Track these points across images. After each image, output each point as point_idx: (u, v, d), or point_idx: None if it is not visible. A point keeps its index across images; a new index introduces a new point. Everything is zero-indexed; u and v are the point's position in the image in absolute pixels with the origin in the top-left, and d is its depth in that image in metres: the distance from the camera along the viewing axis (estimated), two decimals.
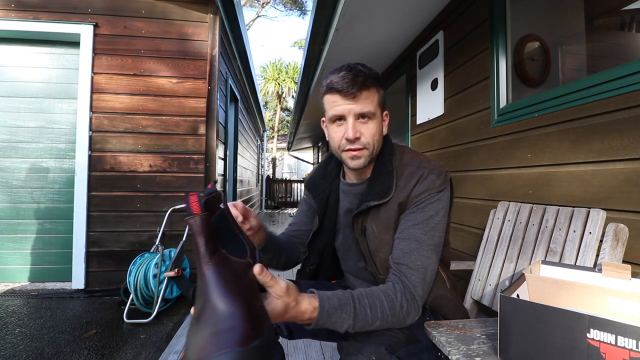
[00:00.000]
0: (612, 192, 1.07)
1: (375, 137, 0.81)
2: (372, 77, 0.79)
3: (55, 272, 2.63)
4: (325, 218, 0.95)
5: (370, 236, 0.83)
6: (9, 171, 2.63)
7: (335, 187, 0.96)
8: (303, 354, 1.72)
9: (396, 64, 3.12)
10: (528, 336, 0.58)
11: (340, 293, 0.68)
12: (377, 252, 0.83)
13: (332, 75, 0.80)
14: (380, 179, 0.82)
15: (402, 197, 0.79)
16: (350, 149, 0.80)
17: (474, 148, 1.87)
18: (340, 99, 0.78)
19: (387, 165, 0.84)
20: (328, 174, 0.97)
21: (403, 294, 0.71)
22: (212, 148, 2.70)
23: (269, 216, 8.92)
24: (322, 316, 0.63)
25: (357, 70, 0.78)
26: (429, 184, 0.78)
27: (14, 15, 2.52)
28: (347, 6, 2.11)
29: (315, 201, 0.95)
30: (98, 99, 2.58)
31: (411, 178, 0.80)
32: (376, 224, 0.82)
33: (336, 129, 0.82)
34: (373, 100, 0.79)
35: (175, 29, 2.68)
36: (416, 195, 0.78)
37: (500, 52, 1.67)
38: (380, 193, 0.80)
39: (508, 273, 1.25)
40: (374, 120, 0.80)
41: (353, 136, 0.78)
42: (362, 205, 0.81)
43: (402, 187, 0.80)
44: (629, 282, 0.69)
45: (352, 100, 0.77)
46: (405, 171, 0.82)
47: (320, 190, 0.95)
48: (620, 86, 1.04)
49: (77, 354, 1.66)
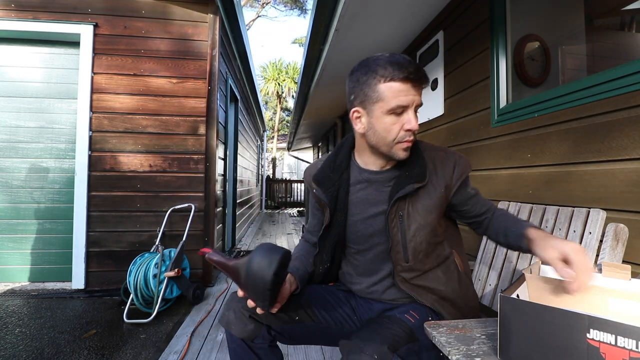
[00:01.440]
0: (612, 192, 1.07)
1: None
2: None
3: (55, 272, 2.63)
4: (336, 212, 0.93)
5: (408, 220, 0.85)
6: (9, 171, 2.63)
7: (345, 180, 0.94)
8: (303, 354, 1.72)
9: None
10: (528, 336, 0.58)
11: None
12: (414, 237, 0.84)
13: (391, 64, 0.76)
14: (416, 163, 0.86)
15: (447, 180, 0.86)
16: (408, 141, 0.81)
17: (474, 148, 1.87)
18: (411, 88, 0.77)
19: (418, 151, 0.88)
20: (338, 167, 0.94)
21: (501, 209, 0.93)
22: (212, 148, 2.70)
23: (269, 216, 8.92)
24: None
25: (412, 60, 0.79)
26: (463, 166, 0.89)
27: (14, 15, 2.52)
28: (347, 6, 2.11)
29: (327, 195, 0.92)
30: (98, 99, 2.58)
31: (447, 162, 0.88)
32: (419, 207, 0.85)
33: (394, 120, 0.79)
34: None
35: (175, 29, 2.68)
36: (457, 177, 0.88)
37: (500, 52, 1.67)
38: (421, 175, 0.84)
39: (508, 273, 1.25)
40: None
41: (416, 127, 0.79)
42: (407, 188, 0.83)
43: (441, 170, 0.87)
44: (629, 282, 0.69)
45: (418, 91, 0.79)
46: (437, 157, 0.89)
47: (331, 184, 0.93)
48: (620, 86, 1.04)
49: (77, 354, 1.66)
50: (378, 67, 0.78)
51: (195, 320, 2.07)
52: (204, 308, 2.27)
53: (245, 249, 4.31)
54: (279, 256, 0.71)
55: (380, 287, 0.93)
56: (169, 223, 2.59)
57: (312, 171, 1.01)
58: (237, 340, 0.84)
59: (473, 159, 1.87)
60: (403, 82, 0.76)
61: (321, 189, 0.94)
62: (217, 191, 2.93)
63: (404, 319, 0.80)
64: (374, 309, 0.94)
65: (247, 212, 6.13)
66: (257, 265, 0.70)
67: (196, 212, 2.62)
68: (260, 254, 0.72)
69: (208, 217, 2.68)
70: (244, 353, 0.85)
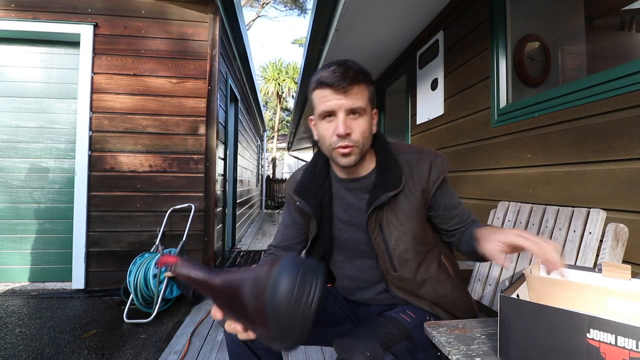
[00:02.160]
0: (612, 192, 1.07)
1: (365, 134, 0.79)
2: (362, 72, 0.77)
3: (55, 272, 2.63)
4: (322, 222, 0.91)
5: (389, 229, 0.83)
6: (9, 171, 2.63)
7: (328, 188, 0.92)
8: (303, 354, 1.72)
9: (396, 64, 3.12)
10: (528, 336, 0.58)
11: None
12: (397, 245, 0.83)
13: (322, 70, 0.78)
14: (390, 169, 0.83)
15: (423, 184, 0.83)
16: (341, 146, 0.78)
17: (474, 148, 1.87)
18: (331, 93, 0.75)
19: (391, 156, 0.85)
20: (317, 177, 0.92)
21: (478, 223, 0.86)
22: (212, 148, 2.70)
23: (269, 216, 8.92)
24: None
25: (348, 65, 0.76)
26: (440, 167, 0.84)
27: (14, 15, 2.51)
28: (347, 6, 2.11)
29: (310, 205, 0.89)
30: (98, 99, 2.58)
31: (422, 165, 0.84)
32: (397, 214, 0.83)
33: (326, 126, 0.79)
34: (363, 95, 0.77)
35: (175, 29, 2.68)
36: (434, 180, 0.84)
37: (500, 52, 1.67)
38: (395, 182, 0.81)
39: (508, 273, 1.25)
40: (364, 117, 0.78)
41: (344, 132, 0.75)
42: (381, 198, 0.80)
43: (417, 174, 0.84)
44: (629, 282, 0.69)
45: (343, 95, 0.75)
46: (412, 160, 0.85)
47: (313, 194, 0.90)
48: (620, 86, 1.04)
49: (77, 354, 1.66)
50: (314, 75, 0.80)
51: (195, 320, 2.07)
52: (204, 308, 2.27)
53: (246, 249, 4.31)
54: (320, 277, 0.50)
55: (375, 295, 0.92)
56: (169, 223, 2.58)
57: (292, 184, 0.98)
58: (236, 340, 0.84)
59: (473, 159, 1.87)
60: (324, 88, 0.76)
61: (304, 200, 0.91)
62: (217, 191, 2.93)
63: (399, 318, 0.81)
64: (372, 310, 0.94)
65: (247, 212, 6.13)
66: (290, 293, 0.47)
67: (196, 212, 2.62)
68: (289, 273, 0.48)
69: (208, 217, 2.68)
70: (242, 353, 0.85)
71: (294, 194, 0.95)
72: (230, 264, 3.48)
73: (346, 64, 0.76)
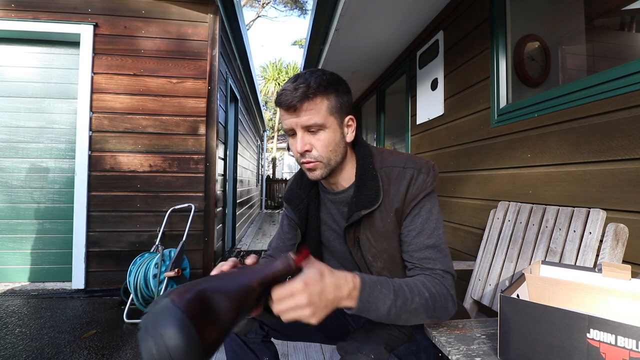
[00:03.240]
0: (612, 192, 1.07)
1: (329, 148, 0.75)
2: (317, 85, 0.72)
3: (55, 272, 2.63)
4: (307, 229, 0.90)
5: (365, 246, 0.79)
6: (9, 171, 2.63)
7: (314, 196, 0.91)
8: (303, 354, 1.71)
9: (396, 64, 3.12)
10: (528, 336, 0.58)
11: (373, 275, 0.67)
12: (374, 262, 0.79)
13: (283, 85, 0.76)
14: (365, 185, 0.78)
15: (398, 203, 0.76)
16: (304, 162, 0.77)
17: (474, 148, 1.87)
18: (285, 112, 0.74)
19: (369, 169, 0.80)
20: (305, 183, 0.91)
21: (434, 279, 0.70)
22: (212, 148, 2.70)
23: (269, 216, 8.92)
24: (364, 288, 0.60)
25: (300, 80, 0.72)
26: (420, 184, 0.76)
27: (14, 15, 2.51)
28: (347, 6, 2.11)
29: (295, 213, 0.90)
30: (98, 99, 2.58)
31: (401, 180, 0.77)
32: (371, 233, 0.78)
33: (291, 141, 0.78)
34: (319, 110, 0.73)
35: (175, 28, 2.68)
36: (411, 198, 0.75)
37: (500, 52, 1.67)
38: (369, 200, 0.76)
39: (508, 273, 1.25)
40: (326, 130, 0.75)
41: (301, 149, 0.74)
42: (354, 216, 0.77)
43: (394, 191, 0.77)
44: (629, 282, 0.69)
45: (294, 114, 0.73)
46: (393, 173, 0.79)
47: (298, 201, 0.90)
48: (620, 86, 1.04)
49: (77, 354, 1.66)
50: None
51: None
52: None
53: (246, 249, 4.31)
54: (172, 320, 0.40)
55: None
56: (169, 223, 2.58)
57: (285, 189, 0.99)
58: (231, 334, 0.86)
59: (473, 159, 1.87)
60: (279, 107, 0.76)
61: (290, 206, 0.92)
62: (217, 191, 2.93)
63: None
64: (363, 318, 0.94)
65: (247, 212, 6.13)
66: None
67: (196, 212, 2.62)
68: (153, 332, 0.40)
69: (208, 217, 2.68)
70: (237, 347, 0.86)
71: (283, 200, 0.97)
72: None
73: (299, 80, 0.73)
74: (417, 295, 0.65)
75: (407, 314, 0.64)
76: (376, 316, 0.63)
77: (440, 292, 0.68)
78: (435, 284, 0.69)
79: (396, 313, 0.63)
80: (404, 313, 0.64)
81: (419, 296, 0.65)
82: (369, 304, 0.61)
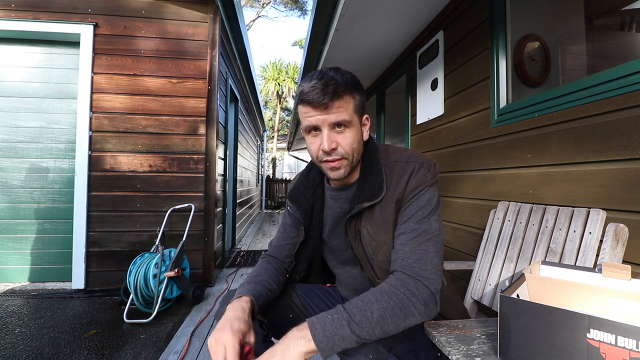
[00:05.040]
0: (612, 192, 1.07)
1: (353, 146, 0.77)
2: (345, 83, 0.74)
3: (55, 272, 2.63)
4: (311, 227, 0.92)
5: (365, 239, 0.80)
6: (9, 171, 2.63)
7: (320, 195, 0.92)
8: None
9: (396, 64, 3.12)
10: (528, 336, 0.58)
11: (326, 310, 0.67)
12: (374, 255, 0.80)
13: (304, 83, 0.76)
14: (369, 179, 0.80)
15: (398, 194, 0.77)
16: (328, 160, 0.77)
17: (474, 148, 1.87)
18: (312, 110, 0.74)
19: (375, 164, 0.81)
20: (311, 183, 0.93)
21: (400, 277, 0.68)
22: (212, 148, 2.70)
23: (269, 216, 8.92)
24: (315, 328, 0.61)
25: (329, 78, 0.73)
26: (421, 177, 0.77)
27: (14, 15, 2.51)
28: (347, 6, 2.11)
29: (300, 211, 0.92)
30: (98, 99, 2.58)
31: (403, 174, 0.78)
32: (371, 225, 0.79)
33: (312, 140, 0.78)
34: (347, 108, 0.75)
35: (175, 29, 2.68)
36: (411, 190, 0.76)
37: (500, 52, 1.67)
38: (372, 193, 0.78)
39: (508, 273, 1.25)
40: (351, 128, 0.77)
41: (329, 147, 0.75)
42: (355, 208, 0.78)
43: (395, 183, 0.78)
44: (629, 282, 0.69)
45: (324, 111, 0.74)
46: (396, 168, 0.80)
47: (304, 200, 0.92)
48: (620, 86, 1.04)
49: (77, 354, 1.66)
50: (298, 85, 0.79)
51: (195, 321, 2.07)
52: (204, 308, 2.27)
53: (246, 249, 4.31)
54: None
55: None
56: (169, 223, 2.58)
57: (290, 186, 1.00)
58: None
59: (473, 159, 1.87)
60: (304, 105, 0.75)
61: (295, 205, 0.93)
62: (217, 191, 2.93)
63: None
64: None
65: (247, 212, 6.13)
66: None
67: (196, 212, 2.61)
68: None
69: (208, 217, 2.68)
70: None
71: (287, 198, 0.98)
72: (230, 264, 3.47)
73: (327, 77, 0.73)
74: (375, 303, 0.64)
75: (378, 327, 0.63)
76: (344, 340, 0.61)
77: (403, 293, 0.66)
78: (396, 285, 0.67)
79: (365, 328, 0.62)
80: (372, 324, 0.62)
81: (378, 302, 0.64)
82: (328, 338, 0.60)
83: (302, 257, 0.95)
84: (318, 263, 0.98)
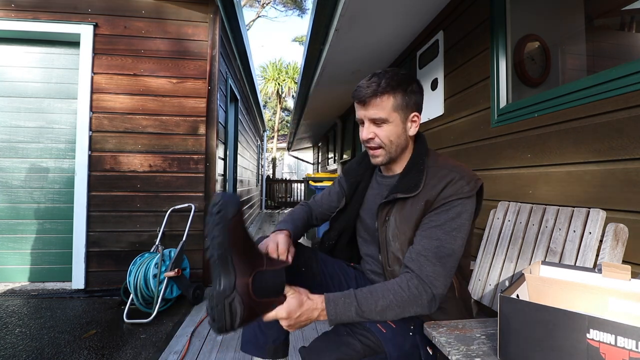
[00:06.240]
0: (612, 192, 1.07)
1: (390, 139, 0.87)
2: (386, 84, 0.83)
3: (55, 272, 2.63)
4: (352, 200, 1.04)
5: (391, 226, 0.87)
6: (9, 171, 2.63)
7: (368, 176, 1.04)
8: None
9: (396, 64, 3.12)
10: (528, 336, 0.58)
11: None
12: (392, 242, 0.86)
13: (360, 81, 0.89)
14: (410, 174, 0.88)
15: (431, 196, 0.81)
16: (369, 147, 0.90)
17: (474, 148, 1.87)
18: (357, 105, 0.88)
19: (419, 163, 0.89)
20: (365, 163, 1.05)
21: (411, 279, 0.76)
22: (212, 148, 2.70)
23: (269, 216, 8.92)
24: (329, 305, 0.72)
25: (374, 79, 0.84)
26: (457, 188, 0.80)
27: (14, 15, 2.51)
28: (347, 6, 2.11)
29: (347, 183, 1.05)
30: (98, 99, 2.58)
31: (442, 179, 0.82)
32: (399, 216, 0.86)
33: (361, 129, 0.91)
34: (385, 107, 0.84)
35: (175, 29, 2.68)
36: (444, 197, 0.80)
37: (500, 52, 1.67)
38: (409, 187, 0.85)
39: (508, 273, 1.25)
40: (388, 124, 0.86)
41: (365, 137, 0.88)
42: (390, 196, 0.86)
43: (431, 186, 0.83)
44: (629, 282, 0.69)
45: (364, 108, 0.86)
46: (438, 173, 0.85)
47: (353, 175, 1.05)
48: (620, 86, 1.04)
49: (77, 354, 1.66)
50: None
51: (195, 320, 2.07)
52: (204, 308, 2.27)
53: None
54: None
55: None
56: (169, 223, 2.58)
57: (348, 164, 1.14)
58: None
59: (473, 159, 1.87)
60: (354, 99, 0.89)
61: (345, 177, 1.07)
62: (217, 191, 2.93)
63: (373, 329, 0.80)
64: None
65: (247, 212, 6.13)
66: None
67: (196, 212, 2.61)
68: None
69: None
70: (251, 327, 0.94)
71: (342, 171, 1.13)
72: None
73: (372, 78, 0.85)
74: (381, 299, 0.74)
75: (378, 316, 0.74)
76: (349, 319, 0.73)
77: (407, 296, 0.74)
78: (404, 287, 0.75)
79: (367, 314, 0.73)
80: (374, 313, 0.73)
81: (383, 299, 0.74)
82: (337, 315, 0.72)
83: (336, 225, 1.07)
84: (347, 235, 1.07)
